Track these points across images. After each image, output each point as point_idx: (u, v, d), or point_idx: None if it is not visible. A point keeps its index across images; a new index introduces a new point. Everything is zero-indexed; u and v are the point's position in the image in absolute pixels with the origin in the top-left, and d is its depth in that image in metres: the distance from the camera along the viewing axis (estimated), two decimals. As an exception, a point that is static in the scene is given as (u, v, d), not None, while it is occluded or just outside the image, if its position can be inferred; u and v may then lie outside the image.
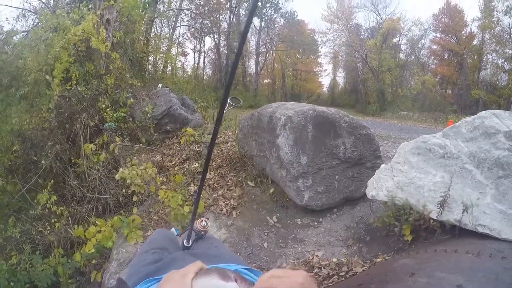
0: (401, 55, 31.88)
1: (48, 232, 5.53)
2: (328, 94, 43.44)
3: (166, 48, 18.53)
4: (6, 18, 21.55)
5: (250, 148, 5.94)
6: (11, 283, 5.02)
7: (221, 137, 7.25)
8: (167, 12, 19.53)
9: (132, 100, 7.60)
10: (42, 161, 6.28)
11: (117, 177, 5.19)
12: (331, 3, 33.67)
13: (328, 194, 4.74)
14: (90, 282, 5.10)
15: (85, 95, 6.91)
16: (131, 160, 5.73)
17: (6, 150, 6.68)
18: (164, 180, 5.74)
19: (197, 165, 6.30)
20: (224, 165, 6.37)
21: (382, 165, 4.14)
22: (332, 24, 33.40)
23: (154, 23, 16.68)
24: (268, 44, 34.35)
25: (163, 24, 23.06)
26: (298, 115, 4.89)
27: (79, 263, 5.02)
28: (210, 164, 6.25)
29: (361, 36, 32.99)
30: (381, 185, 3.89)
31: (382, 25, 30.49)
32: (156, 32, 19.29)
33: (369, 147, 4.94)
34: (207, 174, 5.89)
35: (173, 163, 6.83)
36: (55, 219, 5.70)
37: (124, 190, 5.66)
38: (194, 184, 5.91)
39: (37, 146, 6.54)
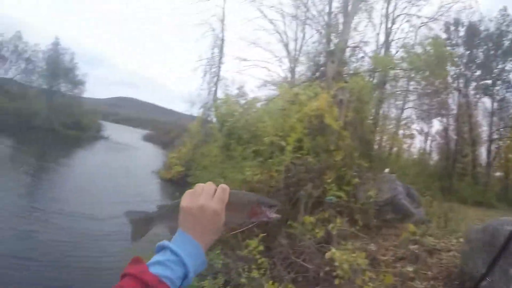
0: None
1: (245, 276, 6.20)
2: None
3: (394, 129, 18.95)
4: (251, 89, 26.08)
5: (475, 267, 5.58)
6: None
7: (443, 242, 6.89)
8: (394, 92, 20.10)
9: (357, 180, 8.09)
10: (262, 216, 7.21)
11: (327, 256, 5.60)
12: None
13: None
14: None
15: (313, 166, 7.73)
16: (345, 243, 6.07)
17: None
18: (373, 276, 5.65)
19: (410, 269, 6.11)
20: (440, 277, 6.05)
21: None
22: None
23: (381, 103, 17.40)
24: (501, 129, 30.40)
25: (390, 105, 23.66)
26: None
27: None
28: (425, 273, 6.01)
29: None
30: None
31: None
32: (383, 112, 19.97)
33: None
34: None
35: (386, 258, 6.66)
36: (255, 267, 6.35)
37: (328, 267, 5.94)
38: (401, 291, 5.70)
39: (261, 201, 7.54)
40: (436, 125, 30.46)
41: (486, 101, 28.45)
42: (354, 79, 10.73)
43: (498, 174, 33.12)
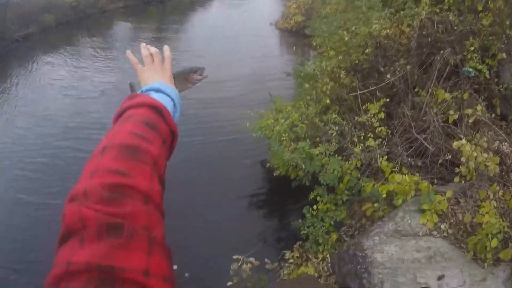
0: None
1: (360, 147, 5.88)
2: None
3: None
4: None
5: None
6: (303, 165, 5.80)
7: None
8: None
9: (504, 55, 6.82)
10: (388, 75, 6.52)
11: (454, 145, 5.01)
12: None
13: None
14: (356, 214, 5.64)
15: (455, 27, 6.61)
16: (479, 137, 5.33)
17: (358, 48, 7.17)
18: (500, 192, 4.77)
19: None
20: None
21: None
22: None
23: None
24: None
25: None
26: None
27: (364, 191, 5.39)
28: None
29: None
30: None
31: None
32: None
33: None
34: None
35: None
36: (372, 136, 5.98)
37: (450, 156, 5.41)
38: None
39: (388, 59, 6.85)
40: None
41: None
42: None
43: None
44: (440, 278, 3.93)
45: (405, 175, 5.13)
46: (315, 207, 5.73)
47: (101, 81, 12.41)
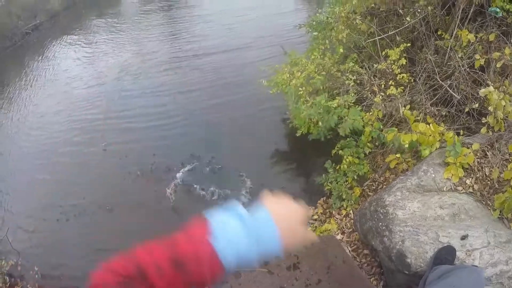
0: None
1: (381, 96, 5.57)
2: None
3: None
4: None
5: None
6: (320, 122, 5.64)
7: None
8: None
9: (534, -6, 6.22)
10: (407, 18, 6.12)
11: (481, 92, 4.64)
12: None
13: None
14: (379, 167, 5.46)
15: (480, -39, 6.03)
16: (509, 84, 4.90)
17: (374, -11, 6.65)
18: None
19: None
20: None
21: None
22: None
23: None
24: None
25: None
26: None
27: (385, 138, 5.06)
28: None
29: None
30: None
31: None
32: None
33: None
34: None
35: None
36: (393, 84, 5.66)
37: (477, 105, 5.06)
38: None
39: (407, 0, 6.35)
40: None
41: None
42: None
43: None
44: (463, 238, 3.79)
45: (430, 124, 4.86)
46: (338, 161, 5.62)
47: (109, 64, 11.71)
